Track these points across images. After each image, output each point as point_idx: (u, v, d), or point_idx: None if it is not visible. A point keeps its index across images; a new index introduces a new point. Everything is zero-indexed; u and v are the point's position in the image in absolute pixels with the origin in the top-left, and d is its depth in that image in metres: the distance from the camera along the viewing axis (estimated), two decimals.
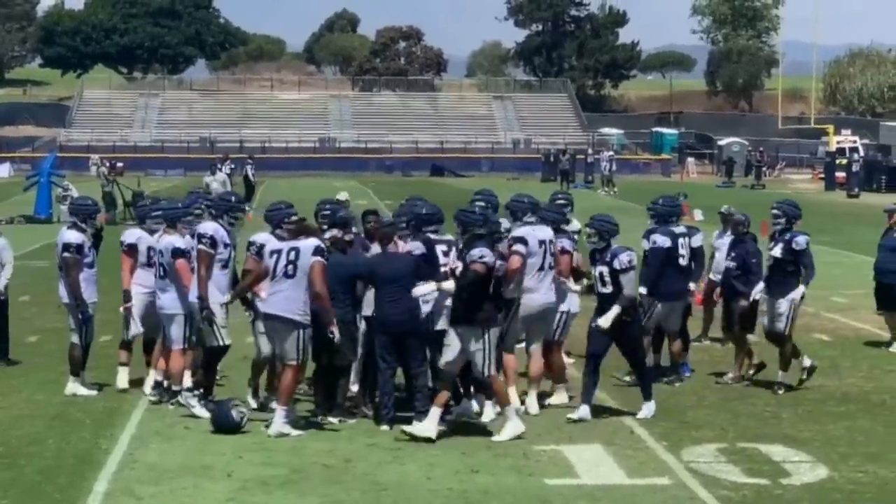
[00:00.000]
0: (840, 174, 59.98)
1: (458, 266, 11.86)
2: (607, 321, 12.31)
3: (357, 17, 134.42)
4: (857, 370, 15.27)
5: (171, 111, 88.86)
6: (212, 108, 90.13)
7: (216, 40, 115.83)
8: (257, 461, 10.81)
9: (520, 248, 12.47)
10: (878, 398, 13.74)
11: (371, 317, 12.20)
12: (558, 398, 13.10)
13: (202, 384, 12.58)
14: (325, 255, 11.74)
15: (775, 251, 14.08)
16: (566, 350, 13.93)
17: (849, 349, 16.73)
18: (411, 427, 11.50)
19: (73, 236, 13.35)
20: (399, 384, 12.42)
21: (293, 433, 11.61)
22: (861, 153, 62.36)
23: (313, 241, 11.81)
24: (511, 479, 10.33)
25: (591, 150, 69.37)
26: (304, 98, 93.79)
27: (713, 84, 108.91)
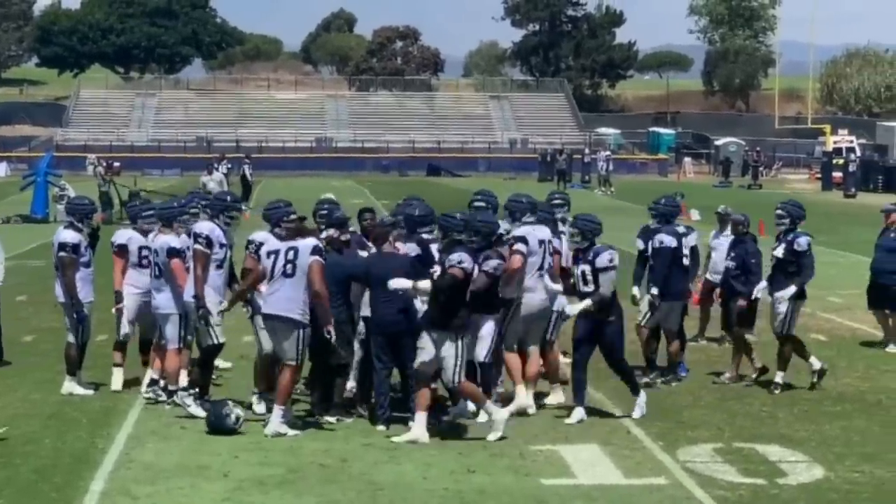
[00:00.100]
0: (837, 174, 59.99)
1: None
2: (574, 310, 12.35)
3: (354, 17, 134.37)
4: (853, 370, 15.28)
5: (168, 111, 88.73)
6: (208, 107, 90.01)
7: (213, 40, 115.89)
8: (254, 461, 10.80)
9: (521, 247, 12.47)
10: (874, 398, 13.76)
11: (367, 317, 12.21)
12: (555, 398, 13.10)
13: (198, 383, 12.57)
14: (323, 255, 11.75)
15: (778, 251, 14.09)
16: (563, 350, 13.93)
17: (845, 349, 16.74)
18: (400, 437, 11.50)
19: (70, 236, 13.35)
20: (395, 384, 12.43)
21: (290, 433, 11.60)
22: (858, 153, 62.41)
23: (311, 241, 11.82)
24: (507, 479, 10.33)
25: (587, 150, 69.35)
26: (300, 98, 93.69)
27: (710, 84, 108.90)
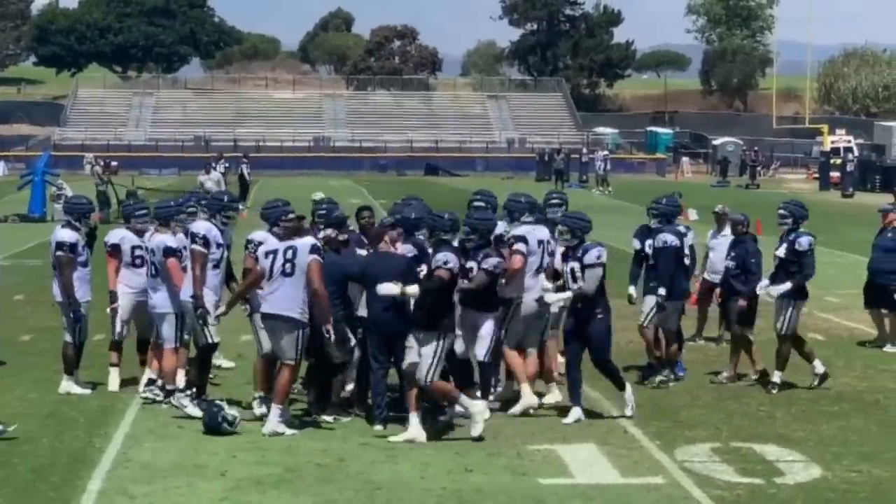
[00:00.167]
0: (834, 174, 59.99)
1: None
2: (551, 298, 12.32)
3: (352, 17, 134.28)
4: (850, 370, 15.29)
5: (166, 110, 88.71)
6: (206, 107, 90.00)
7: (211, 39, 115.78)
8: (251, 460, 10.80)
9: (521, 247, 12.47)
10: (871, 397, 13.76)
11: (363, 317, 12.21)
12: (552, 397, 13.09)
13: (195, 383, 12.56)
14: (321, 254, 11.75)
15: (780, 251, 14.10)
16: (560, 350, 13.91)
17: (842, 349, 16.74)
18: (397, 437, 11.49)
19: (67, 235, 13.35)
20: (394, 384, 12.42)
21: (287, 432, 11.60)
22: (855, 153, 62.46)
23: (310, 240, 11.83)
24: (505, 479, 10.32)
25: (585, 150, 69.33)
26: (298, 97, 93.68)
27: (708, 83, 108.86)
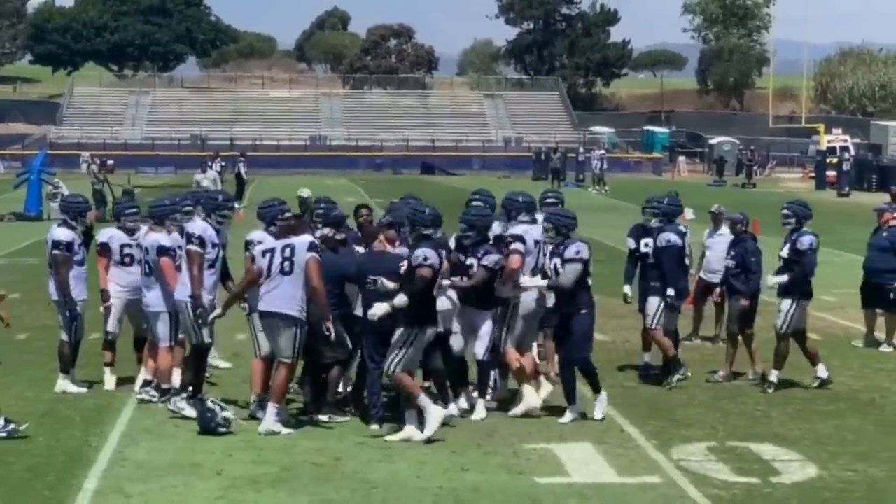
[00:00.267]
0: (831, 173, 60.05)
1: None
2: (526, 281, 12.31)
3: (348, 15, 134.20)
4: (846, 369, 15.28)
5: (162, 109, 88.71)
6: (203, 105, 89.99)
7: (207, 38, 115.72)
8: (247, 459, 10.79)
9: (518, 246, 12.46)
10: (867, 397, 13.77)
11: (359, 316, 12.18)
12: (543, 391, 12.95)
13: (191, 383, 12.53)
14: (318, 252, 11.74)
15: (783, 251, 14.11)
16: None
17: (838, 348, 16.73)
18: (393, 436, 11.49)
19: (63, 234, 13.34)
20: (389, 383, 12.39)
21: (283, 431, 11.59)
22: (852, 152, 62.42)
23: (307, 238, 11.83)
24: (501, 478, 10.32)
25: (582, 149, 69.42)
26: (294, 96, 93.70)
27: (704, 83, 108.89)
